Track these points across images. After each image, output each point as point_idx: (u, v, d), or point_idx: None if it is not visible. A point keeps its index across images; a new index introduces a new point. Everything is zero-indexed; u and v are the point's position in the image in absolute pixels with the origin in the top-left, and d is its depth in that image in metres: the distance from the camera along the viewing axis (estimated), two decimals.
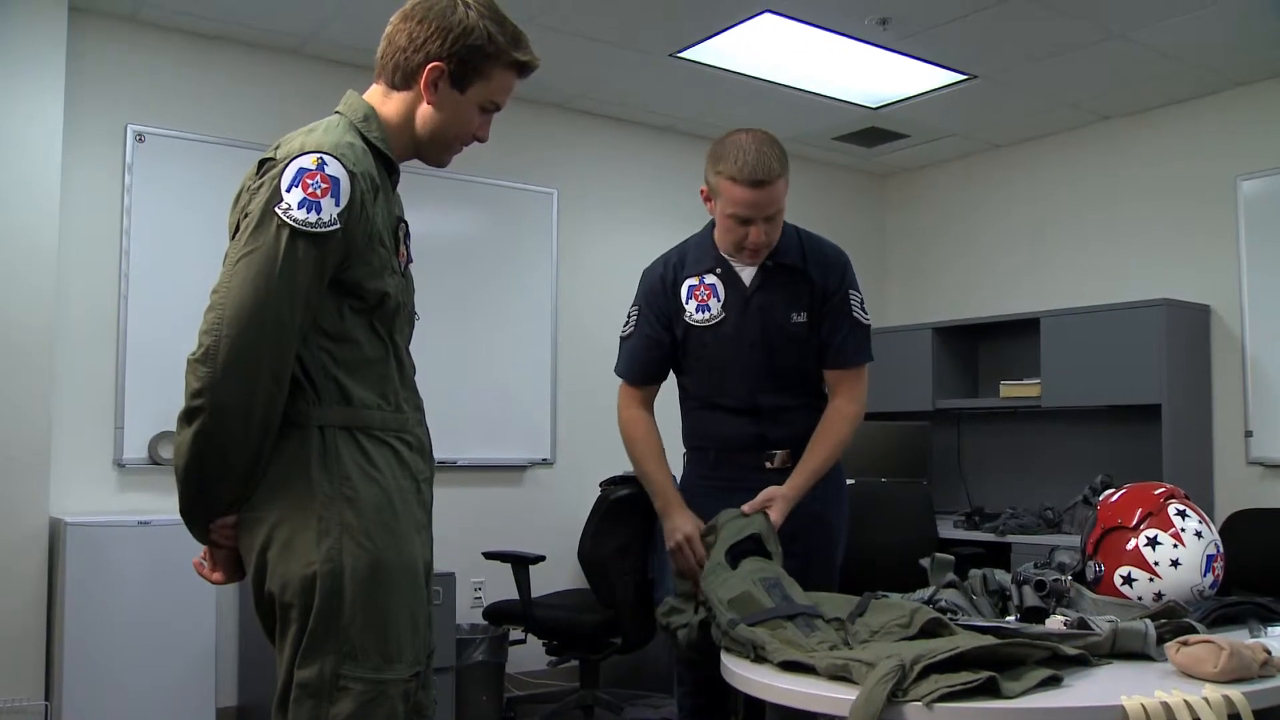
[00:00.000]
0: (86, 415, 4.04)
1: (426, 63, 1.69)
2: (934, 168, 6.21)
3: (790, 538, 2.38)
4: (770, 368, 2.51)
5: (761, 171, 2.31)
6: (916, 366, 5.64)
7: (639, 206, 5.50)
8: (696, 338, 2.52)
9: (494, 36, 1.70)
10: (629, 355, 2.60)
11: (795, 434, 2.52)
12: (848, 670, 1.69)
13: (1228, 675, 1.70)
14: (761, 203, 2.33)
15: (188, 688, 3.78)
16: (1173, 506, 2.27)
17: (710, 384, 2.54)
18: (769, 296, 2.49)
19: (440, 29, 1.68)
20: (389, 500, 1.65)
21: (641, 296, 2.59)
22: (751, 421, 2.52)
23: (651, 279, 2.58)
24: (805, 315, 2.50)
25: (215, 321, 1.53)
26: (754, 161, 2.31)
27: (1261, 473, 4.70)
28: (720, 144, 2.39)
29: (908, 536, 4.50)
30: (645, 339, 2.57)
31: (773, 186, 2.33)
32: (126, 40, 4.22)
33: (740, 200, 2.33)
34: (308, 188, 1.56)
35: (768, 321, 2.49)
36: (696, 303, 2.50)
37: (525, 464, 5.06)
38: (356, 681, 1.58)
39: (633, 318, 2.60)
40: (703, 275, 2.51)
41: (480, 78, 1.72)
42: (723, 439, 2.54)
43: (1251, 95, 4.83)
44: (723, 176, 2.35)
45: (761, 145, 2.34)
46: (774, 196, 2.34)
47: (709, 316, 2.49)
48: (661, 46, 4.51)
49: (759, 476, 2.48)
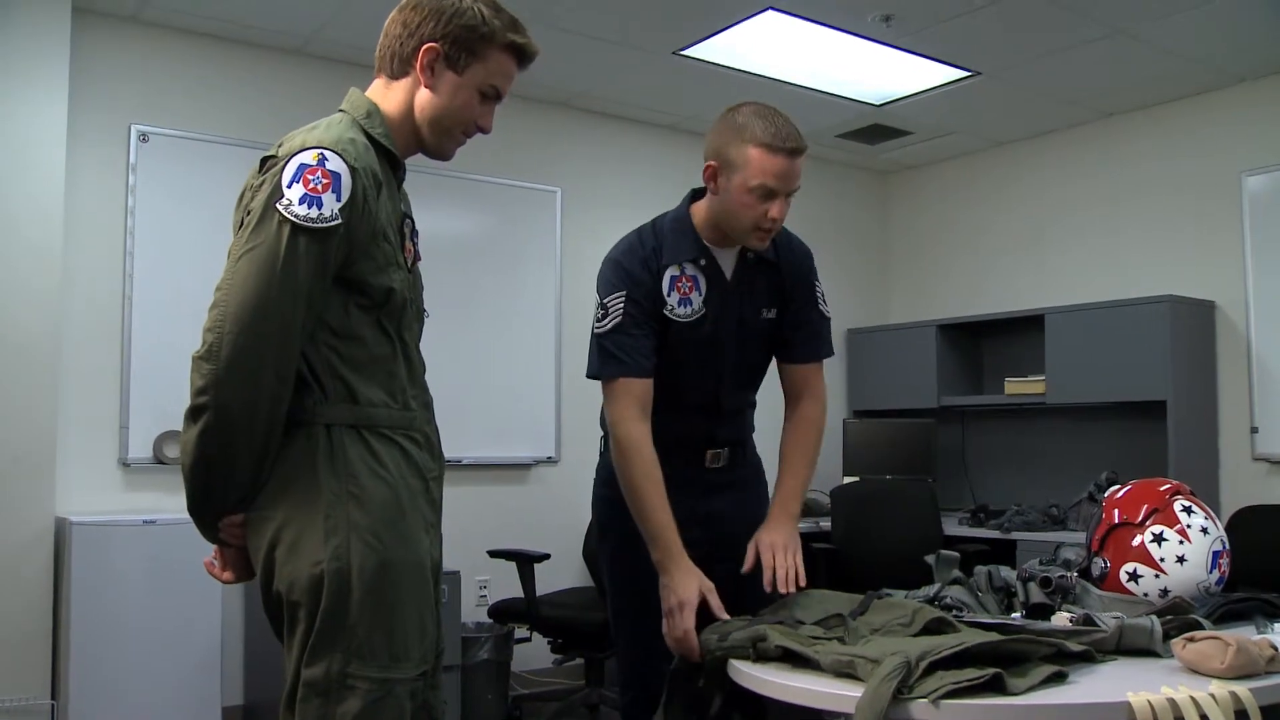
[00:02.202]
0: (91, 414, 4.05)
1: (421, 45, 1.70)
2: (938, 165, 6.20)
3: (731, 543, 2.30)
4: (739, 366, 2.40)
5: (794, 139, 2.16)
6: (921, 364, 5.64)
7: (642, 205, 5.43)
8: (675, 334, 2.30)
9: (488, 18, 1.71)
10: (624, 347, 2.24)
11: (738, 435, 2.46)
12: (852, 667, 1.69)
13: (1234, 671, 1.70)
14: (791, 173, 2.17)
15: (193, 687, 3.79)
16: (1178, 503, 2.26)
17: (673, 383, 2.31)
18: (745, 291, 2.36)
19: (434, 12, 1.70)
20: (396, 498, 1.64)
21: (623, 284, 2.27)
22: (705, 420, 2.39)
23: (630, 265, 2.29)
24: (774, 312, 2.40)
25: (218, 318, 1.53)
26: (785, 129, 2.16)
27: (1267, 469, 4.69)
28: (735, 113, 2.21)
29: (912, 534, 4.50)
30: (642, 327, 2.26)
31: (802, 157, 2.20)
32: (130, 40, 4.22)
33: (772, 170, 2.14)
34: (309, 183, 1.55)
35: (743, 317, 2.37)
36: (679, 295, 2.29)
37: (530, 462, 5.06)
38: (363, 680, 1.57)
39: (614, 309, 2.27)
40: (684, 265, 2.30)
41: (476, 59, 1.72)
42: (670, 435, 2.27)
43: (1255, 91, 4.82)
44: (750, 144, 2.15)
45: (783, 114, 2.21)
46: (800, 169, 2.21)
47: (690, 311, 2.29)
48: (664, 44, 4.51)
49: (698, 473, 2.37)
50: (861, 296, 6.28)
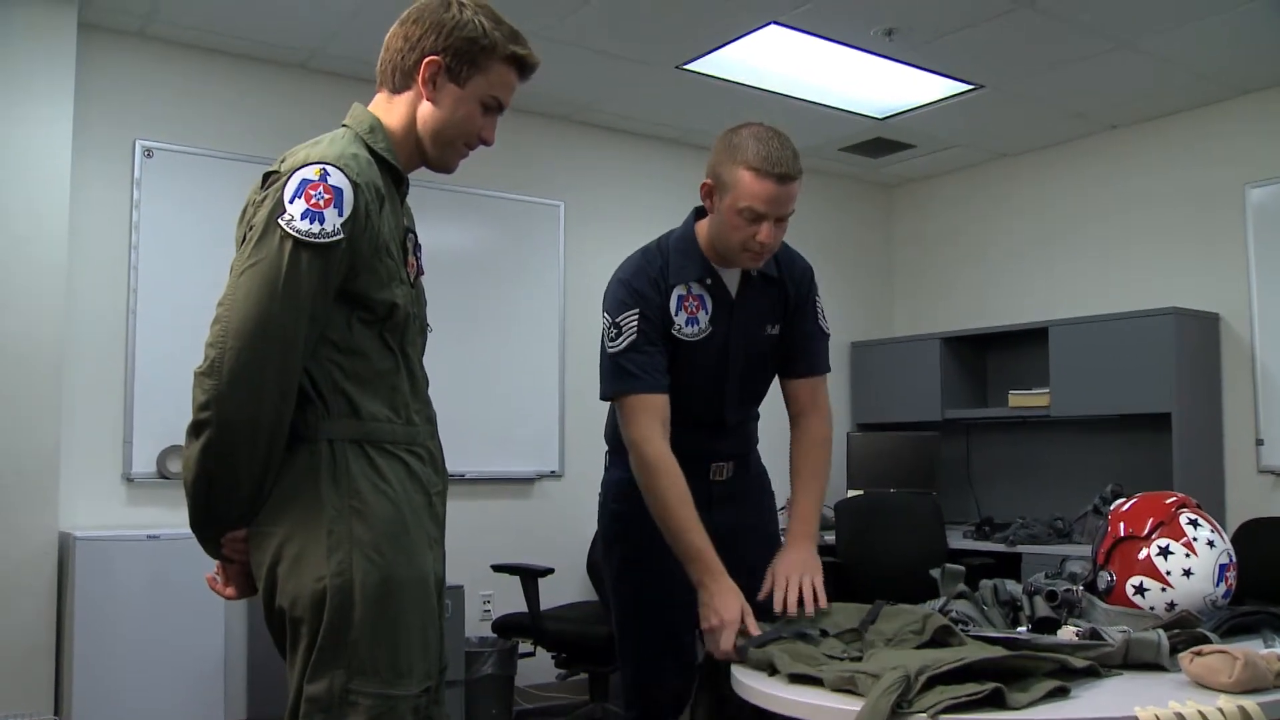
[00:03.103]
0: (95, 429, 4.05)
1: (423, 58, 1.70)
2: (941, 178, 6.21)
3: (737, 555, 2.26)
4: (744, 382, 2.41)
5: (785, 164, 2.15)
6: (925, 377, 5.63)
7: (646, 218, 5.47)
8: (684, 354, 2.30)
9: (488, 30, 1.72)
10: (640, 364, 2.24)
11: (741, 447, 2.47)
12: (853, 682, 1.68)
13: (1242, 686, 1.68)
14: (781, 199, 2.17)
15: (197, 702, 3.78)
16: (1184, 516, 2.25)
17: (677, 401, 2.27)
18: (750, 308, 2.37)
19: (434, 25, 1.70)
20: (399, 514, 1.64)
21: (636, 302, 2.28)
22: (710, 435, 2.39)
23: (640, 285, 2.30)
24: (777, 328, 2.40)
25: (220, 334, 1.53)
26: (778, 154, 2.15)
27: (1273, 481, 4.68)
28: (734, 133, 2.22)
29: (917, 547, 4.48)
30: (655, 345, 2.27)
31: (795, 183, 2.19)
32: (134, 56, 4.24)
33: (759, 194, 2.15)
34: (311, 199, 1.56)
35: (748, 335, 2.37)
36: (686, 315, 2.31)
37: (534, 476, 5.06)
38: (366, 697, 1.56)
39: (628, 327, 2.27)
40: (690, 285, 2.31)
41: (478, 71, 1.73)
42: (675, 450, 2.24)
43: (1259, 103, 4.82)
44: (741, 166, 2.16)
45: (782, 139, 2.21)
46: (792, 194, 2.20)
47: (698, 331, 2.31)
48: (668, 58, 4.52)
49: (702, 486, 2.33)
50: (865, 309, 6.28)
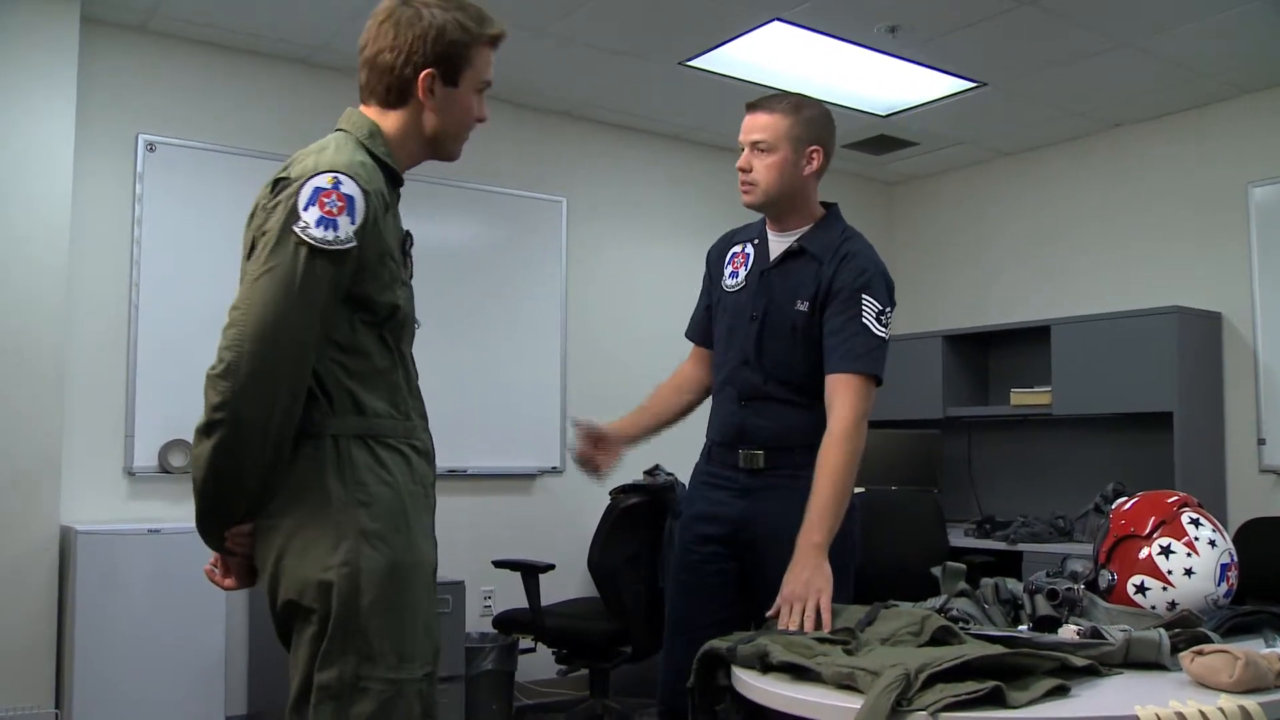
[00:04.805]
0: (97, 423, 4.05)
1: (417, 74, 1.73)
2: (944, 175, 6.20)
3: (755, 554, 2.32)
4: (758, 344, 2.44)
5: (756, 97, 2.47)
6: (926, 375, 5.63)
7: (648, 214, 5.50)
8: (721, 303, 2.56)
9: (465, 25, 1.76)
10: (694, 315, 2.68)
11: (774, 431, 2.43)
12: (853, 679, 1.68)
13: (1243, 685, 1.68)
14: (747, 126, 2.43)
15: (198, 695, 3.78)
16: (1186, 515, 2.25)
17: (720, 357, 2.55)
18: (782, 276, 2.46)
19: (417, 38, 1.72)
20: (401, 503, 1.68)
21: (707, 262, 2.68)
22: (736, 409, 2.45)
23: (714, 245, 2.66)
24: (807, 305, 2.40)
25: (236, 338, 1.56)
26: (761, 94, 2.50)
27: (1275, 481, 4.68)
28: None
29: (918, 545, 4.48)
30: (702, 299, 2.66)
31: (760, 113, 2.42)
32: (137, 50, 4.24)
33: (743, 125, 2.46)
34: (324, 206, 1.59)
35: (772, 299, 2.45)
36: (731, 269, 2.55)
37: (535, 472, 5.06)
38: (376, 682, 1.61)
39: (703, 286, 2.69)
40: (744, 244, 2.56)
41: (467, 65, 1.78)
42: (717, 429, 2.52)
43: (1262, 102, 4.82)
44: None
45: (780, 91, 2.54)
46: (758, 124, 2.41)
47: (736, 283, 2.52)
48: (671, 55, 4.52)
49: (736, 476, 2.43)
50: None
